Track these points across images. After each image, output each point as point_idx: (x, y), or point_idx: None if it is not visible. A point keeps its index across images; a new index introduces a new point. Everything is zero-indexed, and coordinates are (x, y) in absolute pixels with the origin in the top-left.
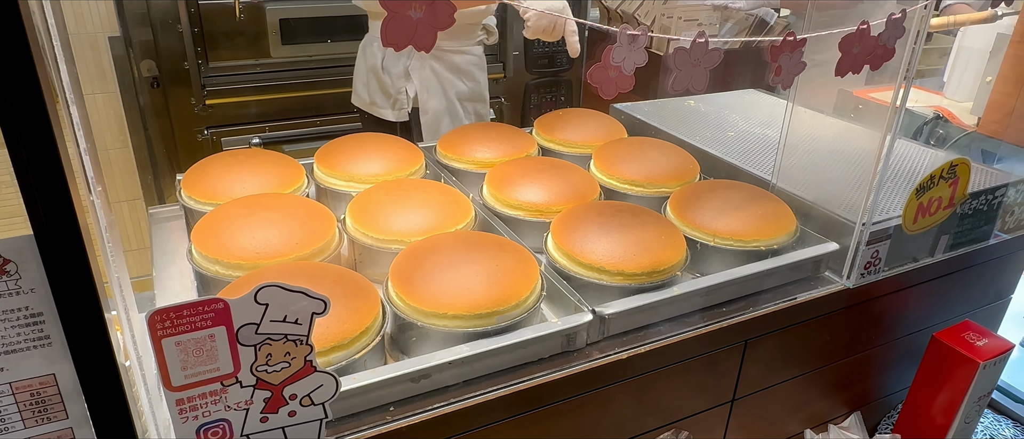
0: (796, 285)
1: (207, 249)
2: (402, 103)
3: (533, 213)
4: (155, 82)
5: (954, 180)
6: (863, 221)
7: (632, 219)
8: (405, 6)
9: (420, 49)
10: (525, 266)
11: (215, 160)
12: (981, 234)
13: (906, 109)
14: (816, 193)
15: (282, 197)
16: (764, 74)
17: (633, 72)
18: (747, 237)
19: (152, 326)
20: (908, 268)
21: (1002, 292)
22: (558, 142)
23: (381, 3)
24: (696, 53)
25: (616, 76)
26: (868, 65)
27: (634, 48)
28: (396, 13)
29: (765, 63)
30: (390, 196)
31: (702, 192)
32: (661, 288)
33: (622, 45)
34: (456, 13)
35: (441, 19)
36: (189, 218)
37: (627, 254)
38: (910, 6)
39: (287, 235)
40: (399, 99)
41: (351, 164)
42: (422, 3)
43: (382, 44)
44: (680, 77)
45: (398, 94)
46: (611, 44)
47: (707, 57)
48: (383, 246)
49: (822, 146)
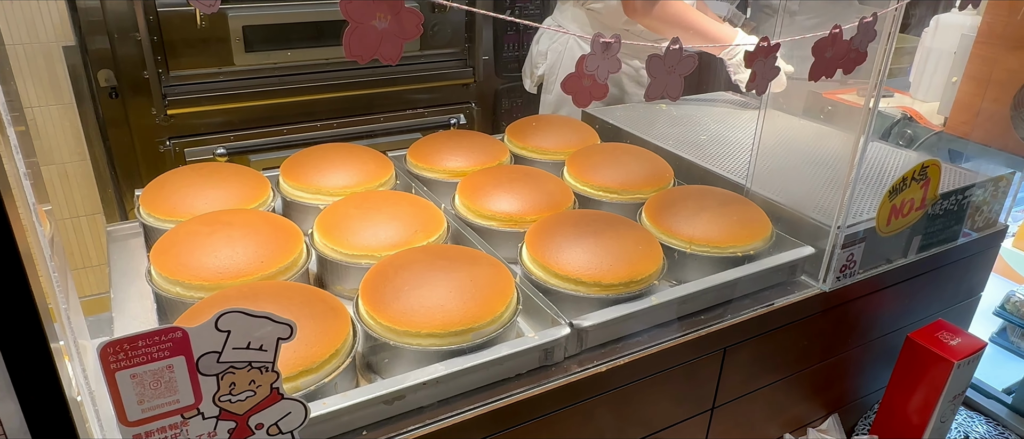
0: (773, 290)
1: (167, 270)
2: (535, 75)
3: (507, 223)
4: (113, 92)
5: (926, 181)
6: (838, 224)
7: (607, 228)
8: (369, 16)
9: (386, 61)
10: (500, 280)
11: (175, 175)
12: (951, 234)
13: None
14: (790, 197)
15: (246, 213)
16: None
17: (607, 80)
18: (723, 243)
19: (104, 359)
20: (882, 270)
21: (972, 290)
22: (530, 149)
23: (342, 12)
24: (670, 60)
25: (590, 85)
26: (841, 69)
27: (607, 56)
28: (359, 23)
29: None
30: (359, 209)
31: (677, 198)
32: (639, 298)
33: (595, 53)
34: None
35: (408, 29)
36: (149, 236)
37: (604, 264)
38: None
39: (251, 253)
40: (533, 71)
41: (318, 176)
42: (387, 13)
43: (345, 55)
44: (655, 85)
45: (534, 67)
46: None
47: (681, 64)
48: (353, 261)
49: (795, 149)
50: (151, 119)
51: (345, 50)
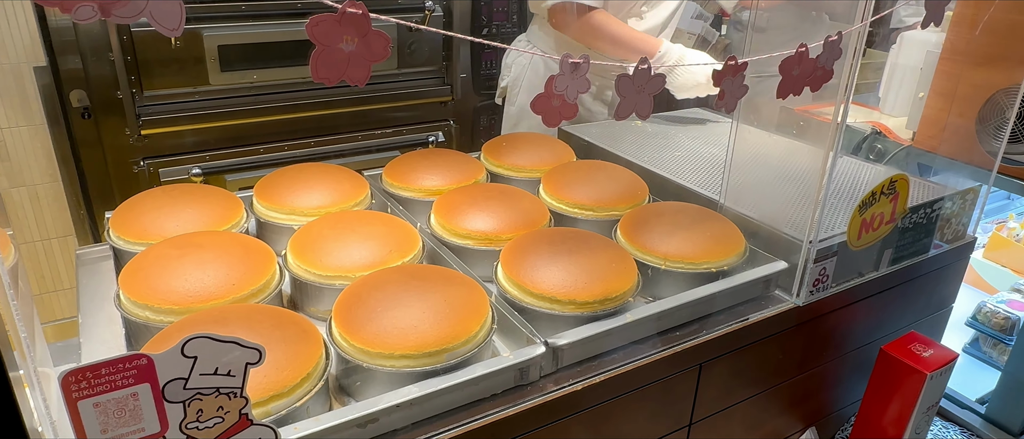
0: (747, 305)
1: (136, 294)
2: (500, 88)
3: (482, 242)
4: (86, 112)
5: (895, 195)
6: (810, 239)
7: (582, 246)
8: (336, 38)
9: (354, 83)
10: (474, 299)
11: (146, 197)
12: (921, 247)
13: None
14: (763, 212)
15: (217, 235)
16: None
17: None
18: (697, 259)
19: (66, 389)
20: (854, 283)
21: (944, 301)
22: (507, 167)
23: (309, 35)
24: (639, 80)
25: (560, 105)
26: (809, 87)
27: (576, 76)
28: (326, 46)
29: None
30: (333, 229)
31: (651, 215)
32: (614, 315)
33: (564, 73)
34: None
35: (376, 51)
36: (119, 259)
37: (578, 282)
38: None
39: (222, 276)
40: (500, 84)
41: (292, 196)
42: (354, 35)
43: (313, 78)
44: (624, 104)
45: (501, 80)
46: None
47: (651, 83)
48: (326, 282)
49: (767, 164)
50: (124, 139)
51: (312, 73)
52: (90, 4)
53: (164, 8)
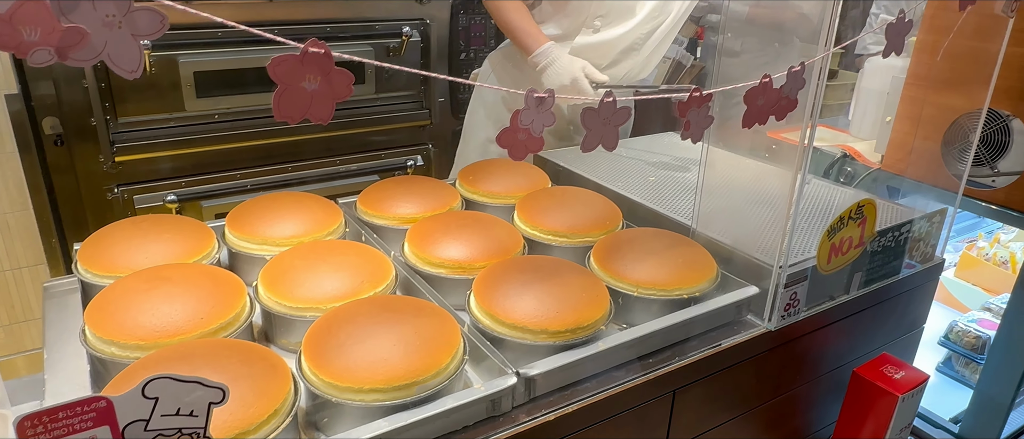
0: (720, 331)
1: (101, 330)
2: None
3: (455, 270)
4: (59, 140)
5: (862, 220)
6: (780, 264)
7: (554, 274)
8: (298, 78)
9: (317, 121)
10: (445, 330)
11: (116, 228)
12: (891, 269)
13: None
14: (734, 236)
15: (186, 267)
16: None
17: (541, 134)
18: (669, 286)
19: (21, 434)
20: (826, 306)
21: (915, 322)
22: (482, 194)
23: (270, 75)
24: (605, 112)
25: (525, 138)
26: (773, 116)
27: (541, 110)
28: (289, 85)
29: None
30: (304, 260)
31: (624, 242)
32: (586, 344)
33: (529, 108)
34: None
35: (339, 90)
36: (86, 292)
37: (550, 312)
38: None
39: (191, 310)
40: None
41: (264, 226)
42: (317, 74)
43: (275, 117)
44: (590, 137)
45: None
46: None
47: (616, 115)
48: (297, 314)
49: (738, 189)
50: (98, 166)
51: (274, 112)
52: (45, 48)
53: (122, 50)
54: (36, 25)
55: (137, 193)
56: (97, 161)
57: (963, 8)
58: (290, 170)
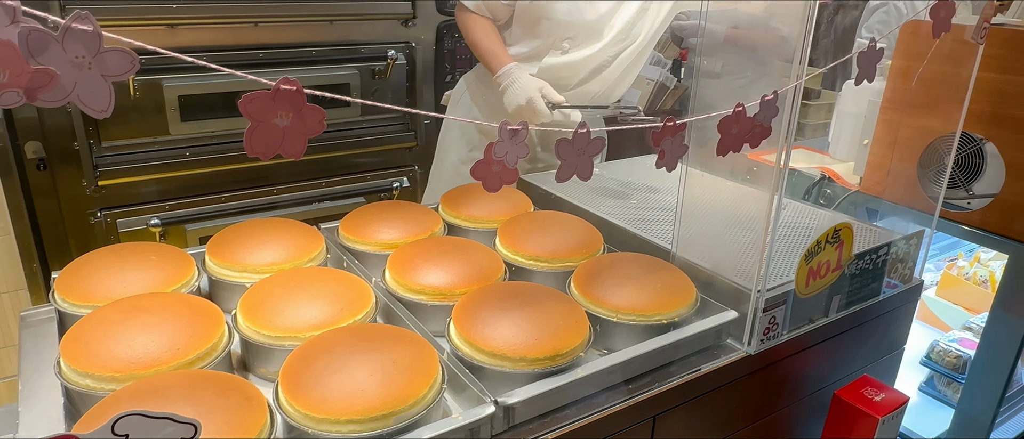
0: (699, 355)
1: (76, 362)
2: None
3: (436, 297)
4: (41, 164)
5: (839, 243)
6: (758, 289)
7: (533, 301)
8: (270, 114)
9: (289, 156)
10: (423, 359)
11: (94, 257)
12: (870, 291)
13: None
14: (714, 260)
15: (164, 297)
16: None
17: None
18: (648, 311)
19: None
20: (806, 329)
21: (895, 344)
22: (464, 218)
23: (242, 112)
24: (579, 143)
25: (499, 170)
26: (748, 143)
27: (515, 142)
28: (260, 122)
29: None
30: (284, 288)
31: (604, 267)
32: (565, 371)
33: (503, 140)
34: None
35: (311, 126)
36: (63, 322)
37: (529, 339)
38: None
39: (167, 341)
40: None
41: (245, 253)
42: (288, 111)
43: (247, 153)
44: (565, 167)
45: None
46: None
47: (590, 146)
48: (276, 343)
49: (718, 212)
50: (81, 190)
51: (246, 148)
52: (14, 90)
53: (92, 91)
54: (4, 67)
55: (120, 217)
56: (80, 185)
57: (937, 35)
58: (276, 193)
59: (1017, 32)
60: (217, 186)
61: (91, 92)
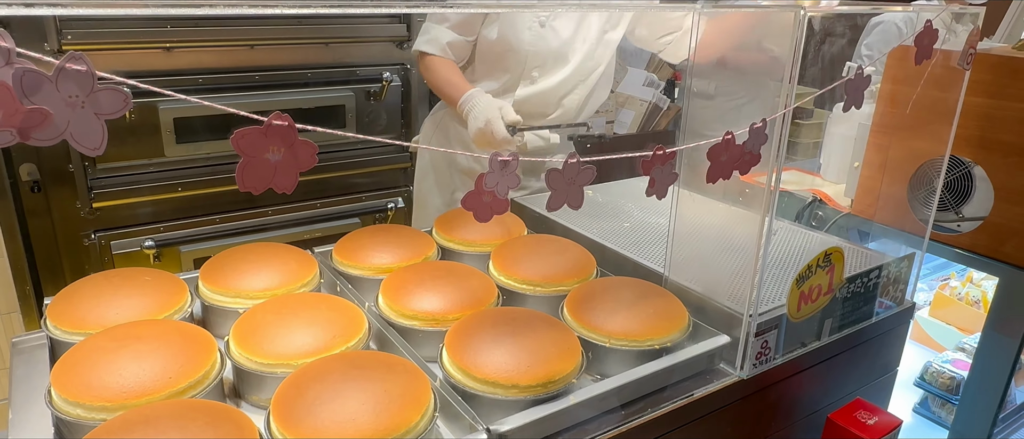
0: (692, 380)
1: (67, 391)
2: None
3: (429, 322)
4: (36, 186)
5: (830, 267)
6: (750, 313)
7: (525, 327)
8: (262, 150)
9: (281, 190)
10: (415, 387)
11: (86, 283)
12: (862, 314)
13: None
14: (706, 284)
15: (156, 324)
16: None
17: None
18: (641, 337)
19: None
20: (798, 353)
21: (888, 366)
22: (457, 242)
23: (234, 147)
24: (569, 173)
25: (490, 201)
26: (737, 170)
27: (506, 173)
28: (252, 157)
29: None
30: (277, 315)
31: (597, 292)
32: (557, 398)
33: (494, 171)
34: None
35: (302, 160)
36: (55, 350)
37: (521, 366)
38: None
39: (159, 369)
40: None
41: (238, 279)
42: (280, 146)
43: (239, 188)
44: (555, 197)
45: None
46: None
47: (581, 175)
48: (268, 371)
49: (710, 235)
50: (75, 212)
51: (238, 183)
52: (8, 130)
53: (85, 129)
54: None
55: (114, 239)
56: (74, 207)
57: (919, 62)
58: (271, 214)
59: (1003, 58)
60: (211, 207)
61: (84, 130)
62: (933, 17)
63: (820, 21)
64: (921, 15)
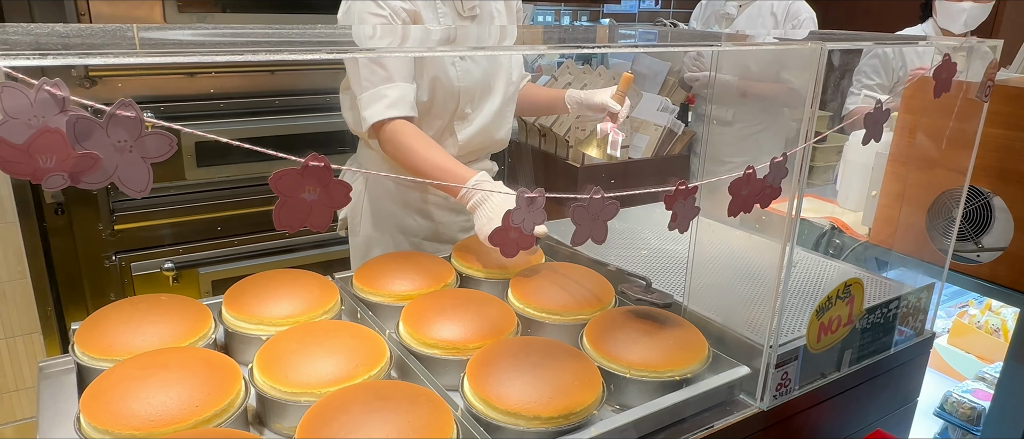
0: (712, 411)
1: (96, 419)
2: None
3: (450, 351)
4: (59, 208)
5: (850, 299)
6: (770, 344)
7: (546, 358)
8: (298, 189)
9: (315, 229)
10: (438, 419)
11: (113, 309)
12: (882, 345)
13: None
14: (725, 313)
15: (181, 352)
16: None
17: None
18: (661, 367)
19: None
20: (818, 384)
21: (908, 396)
22: (476, 269)
23: (272, 187)
24: (594, 208)
25: (517, 236)
26: (758, 204)
27: (533, 209)
28: (289, 197)
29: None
30: (300, 343)
31: (616, 321)
32: (578, 430)
33: (520, 207)
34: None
35: (336, 199)
36: (83, 376)
37: (543, 397)
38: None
39: (186, 397)
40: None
41: (261, 305)
42: (316, 186)
43: (275, 226)
44: (580, 232)
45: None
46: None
47: (605, 211)
48: (291, 399)
49: (728, 264)
50: (97, 233)
51: (275, 222)
52: (59, 173)
53: (132, 173)
54: (52, 153)
55: (134, 260)
56: (96, 229)
57: (938, 96)
58: (287, 236)
59: (1020, 90)
60: (229, 230)
61: (131, 174)
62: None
63: (839, 55)
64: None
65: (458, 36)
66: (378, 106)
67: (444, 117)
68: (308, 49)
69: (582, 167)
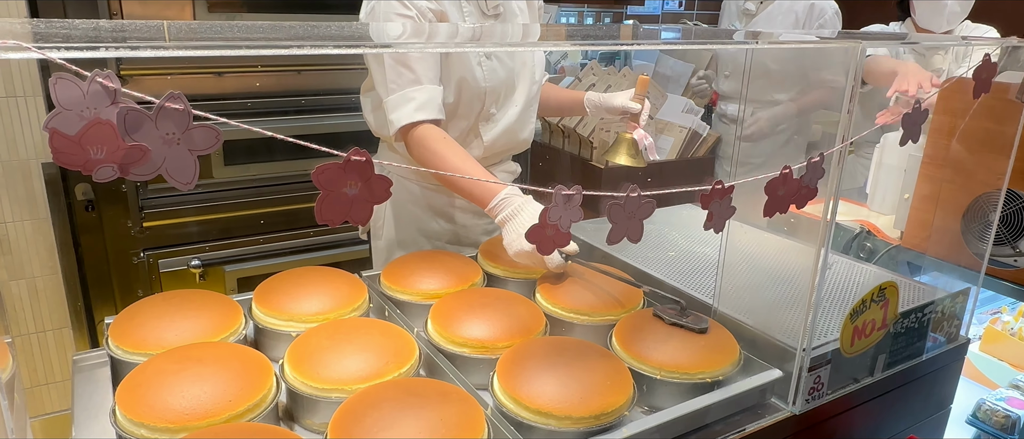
0: (743, 414)
1: (132, 411)
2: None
3: (479, 350)
4: (89, 205)
5: (885, 302)
6: (803, 347)
7: (577, 358)
8: (340, 184)
9: (355, 223)
10: (470, 417)
11: (146, 304)
12: (915, 350)
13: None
14: (756, 316)
15: (215, 347)
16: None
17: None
18: (692, 369)
19: None
20: (851, 389)
21: (942, 403)
22: (502, 269)
23: (314, 181)
24: (630, 207)
25: (553, 234)
26: (794, 205)
27: (570, 207)
28: (331, 191)
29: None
30: (331, 340)
31: (646, 322)
32: (609, 430)
33: (557, 205)
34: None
35: (377, 194)
36: (116, 369)
37: (574, 397)
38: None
39: (219, 392)
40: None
41: (291, 302)
42: (357, 180)
43: (317, 220)
44: (615, 230)
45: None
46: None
47: (641, 209)
48: (322, 396)
49: (759, 266)
50: (126, 231)
51: (317, 216)
52: (109, 165)
53: (179, 165)
54: (102, 144)
55: (162, 257)
56: (126, 227)
57: (977, 96)
58: (312, 235)
59: None
60: (256, 228)
61: (178, 166)
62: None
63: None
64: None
65: (484, 34)
66: (406, 109)
67: (470, 118)
68: (347, 44)
69: (606, 168)
